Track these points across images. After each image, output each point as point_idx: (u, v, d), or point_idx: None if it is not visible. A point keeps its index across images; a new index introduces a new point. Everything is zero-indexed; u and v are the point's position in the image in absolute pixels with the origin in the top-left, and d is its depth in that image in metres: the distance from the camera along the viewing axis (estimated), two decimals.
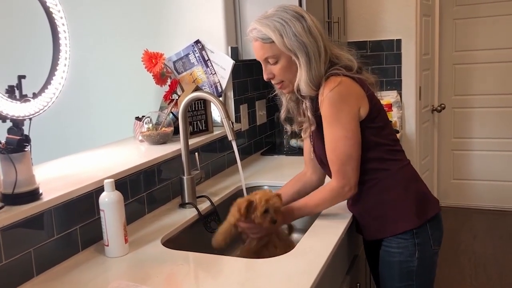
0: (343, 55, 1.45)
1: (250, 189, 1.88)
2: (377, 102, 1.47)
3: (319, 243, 1.33)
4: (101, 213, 1.30)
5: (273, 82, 1.48)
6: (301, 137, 1.62)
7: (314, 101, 1.44)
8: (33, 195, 1.21)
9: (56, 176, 1.46)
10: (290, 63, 1.40)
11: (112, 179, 1.32)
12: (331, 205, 1.48)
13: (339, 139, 1.39)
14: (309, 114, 1.46)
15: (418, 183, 1.52)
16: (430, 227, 1.47)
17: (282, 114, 1.56)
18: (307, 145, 1.62)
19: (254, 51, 1.45)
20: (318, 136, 1.48)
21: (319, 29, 1.41)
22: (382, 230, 1.48)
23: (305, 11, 1.42)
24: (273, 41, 1.38)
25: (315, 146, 1.54)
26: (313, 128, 1.47)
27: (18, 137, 1.18)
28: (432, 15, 3.76)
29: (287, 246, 1.43)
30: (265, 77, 1.47)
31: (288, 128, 1.57)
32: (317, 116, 1.43)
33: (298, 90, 1.43)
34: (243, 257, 1.38)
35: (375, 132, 1.44)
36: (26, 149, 1.20)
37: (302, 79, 1.39)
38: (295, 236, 1.67)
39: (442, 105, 4.00)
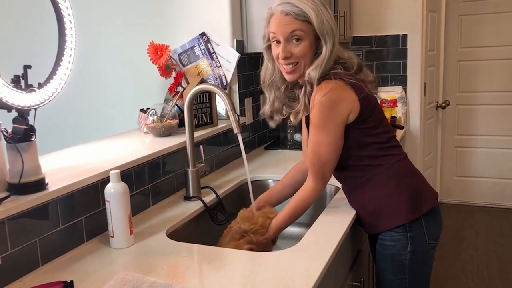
0: (346, 53, 1.45)
1: (254, 183, 1.88)
2: (370, 103, 1.43)
3: (324, 237, 1.33)
4: (107, 204, 1.30)
5: (286, 62, 1.40)
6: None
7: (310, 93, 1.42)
8: (39, 185, 1.21)
9: (62, 166, 1.46)
10: (312, 46, 1.39)
11: (118, 170, 1.32)
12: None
13: (323, 144, 1.41)
14: (306, 100, 1.43)
15: (413, 177, 1.52)
16: (425, 221, 1.46)
17: (268, 109, 1.54)
18: (305, 134, 1.60)
19: (276, 25, 1.37)
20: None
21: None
22: (377, 225, 1.49)
23: None
24: (306, 20, 1.34)
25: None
26: (305, 113, 1.45)
27: (25, 127, 1.18)
28: (438, 11, 3.74)
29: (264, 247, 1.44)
30: (281, 55, 1.39)
31: (271, 124, 1.56)
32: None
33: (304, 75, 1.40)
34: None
35: (367, 132, 1.44)
36: (32, 139, 1.20)
37: (318, 65, 1.37)
38: (295, 232, 1.71)
39: (447, 102, 3.98)
